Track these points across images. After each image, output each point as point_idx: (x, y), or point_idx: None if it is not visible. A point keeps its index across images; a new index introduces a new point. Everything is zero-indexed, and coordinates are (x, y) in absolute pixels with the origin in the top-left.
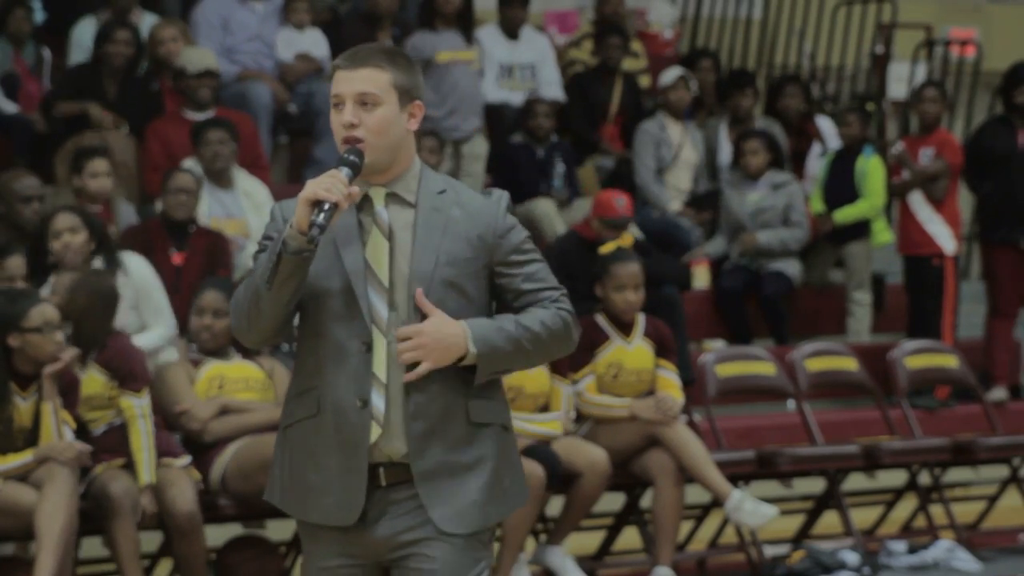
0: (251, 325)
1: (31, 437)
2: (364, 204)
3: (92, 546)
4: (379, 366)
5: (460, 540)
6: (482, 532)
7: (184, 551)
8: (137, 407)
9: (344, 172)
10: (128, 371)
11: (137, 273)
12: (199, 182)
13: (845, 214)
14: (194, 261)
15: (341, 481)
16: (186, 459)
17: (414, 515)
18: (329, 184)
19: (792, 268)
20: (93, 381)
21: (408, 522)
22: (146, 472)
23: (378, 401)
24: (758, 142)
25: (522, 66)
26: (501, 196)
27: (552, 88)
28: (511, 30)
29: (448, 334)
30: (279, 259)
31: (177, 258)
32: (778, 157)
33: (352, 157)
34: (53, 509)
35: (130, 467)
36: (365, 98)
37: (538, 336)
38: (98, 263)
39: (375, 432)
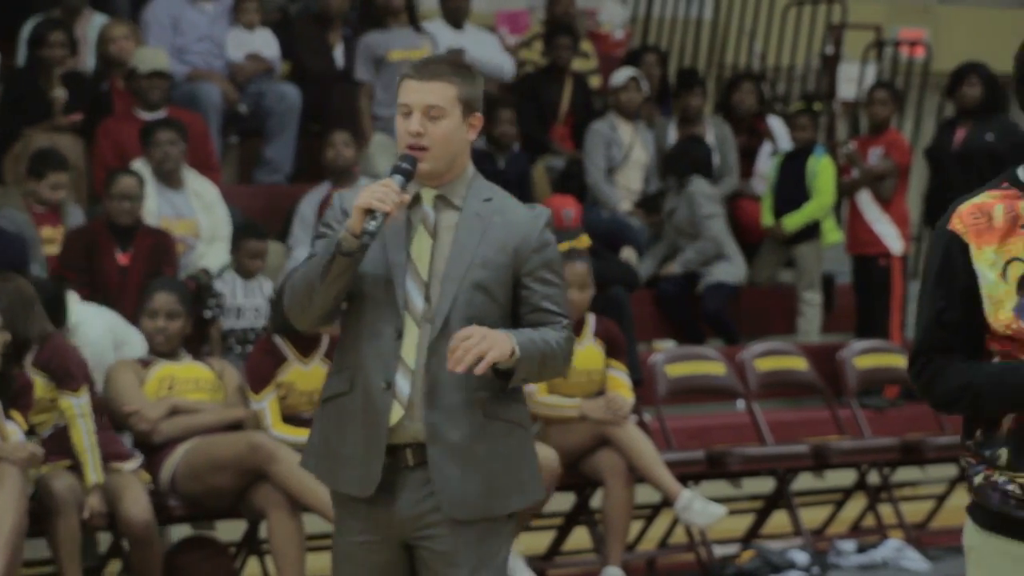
0: (303, 311)
1: None
2: (415, 202)
3: (37, 547)
4: (408, 352)
5: (472, 528)
6: (494, 522)
7: (140, 558)
8: (76, 407)
9: (397, 180)
10: (64, 370)
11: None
12: (142, 184)
13: (794, 220)
14: (139, 261)
15: (363, 455)
16: (136, 462)
17: (435, 498)
18: (382, 194)
19: (730, 273)
20: (34, 384)
21: (431, 503)
22: (92, 472)
23: (403, 384)
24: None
25: (470, 55)
26: (542, 212)
27: (506, 63)
28: (456, 20)
29: (498, 333)
30: (333, 258)
31: (122, 258)
32: (680, 163)
33: (406, 165)
34: (2, 509)
35: (76, 469)
36: (433, 111)
37: (554, 353)
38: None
39: (397, 413)
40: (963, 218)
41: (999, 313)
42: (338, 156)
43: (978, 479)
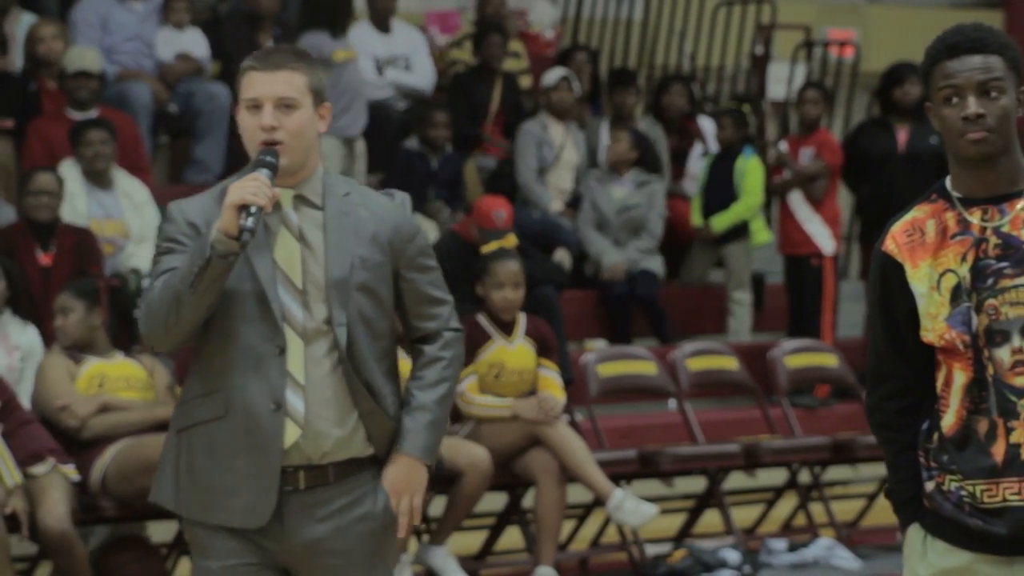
0: (168, 330)
1: None
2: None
3: None
4: (296, 368)
5: (370, 543)
6: (386, 536)
7: (62, 565)
8: None
9: (265, 174)
10: None
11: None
12: (61, 182)
13: (722, 221)
14: (62, 261)
15: (251, 483)
16: (49, 464)
17: (332, 519)
18: (254, 188)
19: (655, 264)
20: None
21: (323, 529)
22: (7, 475)
23: (297, 403)
24: (626, 133)
25: (396, 58)
26: (405, 199)
27: (426, 79)
28: (382, 23)
29: (408, 475)
30: (208, 263)
31: (44, 258)
32: (647, 158)
33: (269, 158)
34: None
35: None
36: (284, 101)
37: (448, 396)
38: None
39: (294, 434)
40: (896, 237)
41: (935, 325)
42: None
43: (930, 485)
